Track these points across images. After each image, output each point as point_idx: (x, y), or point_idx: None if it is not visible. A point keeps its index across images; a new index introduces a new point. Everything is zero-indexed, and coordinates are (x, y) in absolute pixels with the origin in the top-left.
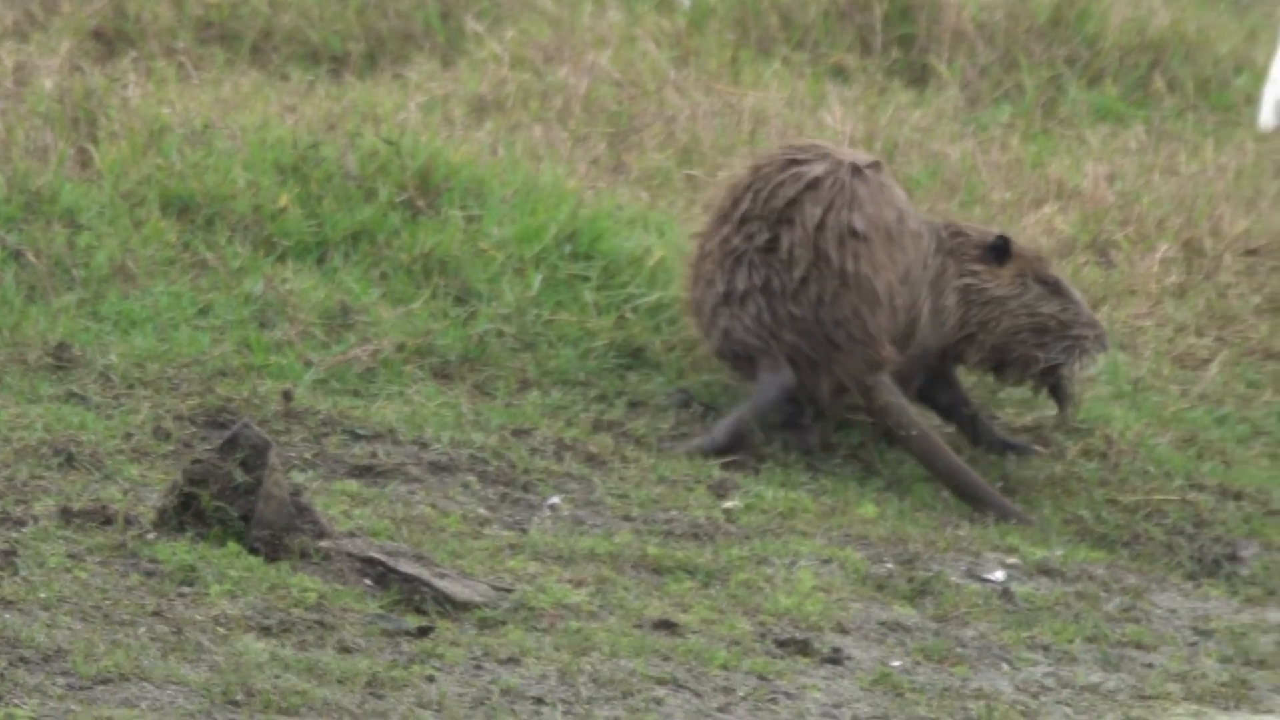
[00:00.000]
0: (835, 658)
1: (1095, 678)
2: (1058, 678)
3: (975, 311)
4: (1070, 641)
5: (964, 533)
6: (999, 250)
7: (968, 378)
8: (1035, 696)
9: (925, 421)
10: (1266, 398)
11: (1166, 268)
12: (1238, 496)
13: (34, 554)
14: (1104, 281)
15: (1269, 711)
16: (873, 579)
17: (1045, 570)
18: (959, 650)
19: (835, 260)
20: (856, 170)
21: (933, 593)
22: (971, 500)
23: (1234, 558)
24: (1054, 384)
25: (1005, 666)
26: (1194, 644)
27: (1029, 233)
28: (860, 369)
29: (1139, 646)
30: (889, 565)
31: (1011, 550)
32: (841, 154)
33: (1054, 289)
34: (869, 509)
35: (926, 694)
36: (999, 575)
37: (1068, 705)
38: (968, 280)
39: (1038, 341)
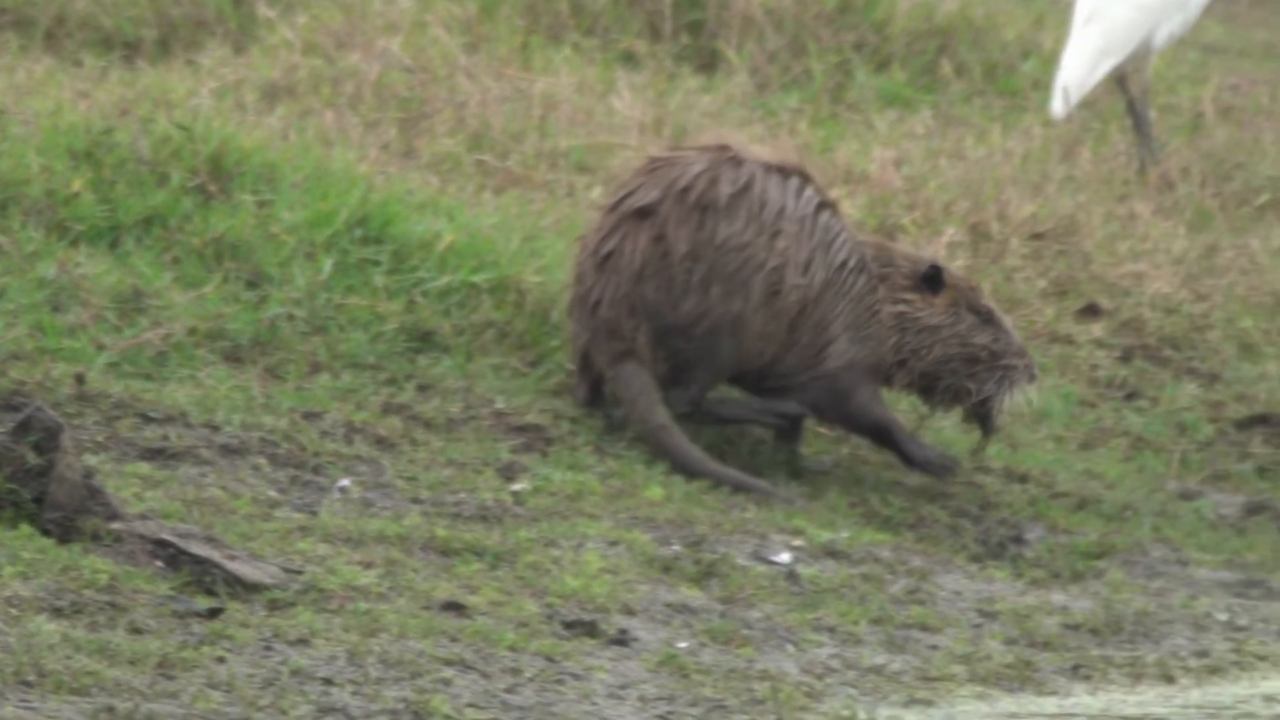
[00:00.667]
0: (622, 639)
1: (880, 659)
2: (843, 659)
3: (909, 339)
4: (855, 623)
5: (750, 515)
6: (931, 280)
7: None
8: (820, 678)
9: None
10: (1052, 381)
11: (953, 252)
12: (1023, 479)
13: None
14: None
15: (1053, 693)
16: (659, 561)
17: (831, 552)
18: (745, 632)
19: (623, 249)
20: (714, 178)
21: (719, 575)
22: (734, 486)
23: (1019, 540)
24: (980, 413)
25: (790, 648)
26: (979, 626)
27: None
28: (608, 355)
29: (924, 628)
30: (676, 547)
31: (797, 532)
32: (700, 159)
33: (986, 318)
34: (656, 491)
35: (712, 675)
36: (785, 557)
37: (853, 687)
38: (901, 308)
39: (969, 371)
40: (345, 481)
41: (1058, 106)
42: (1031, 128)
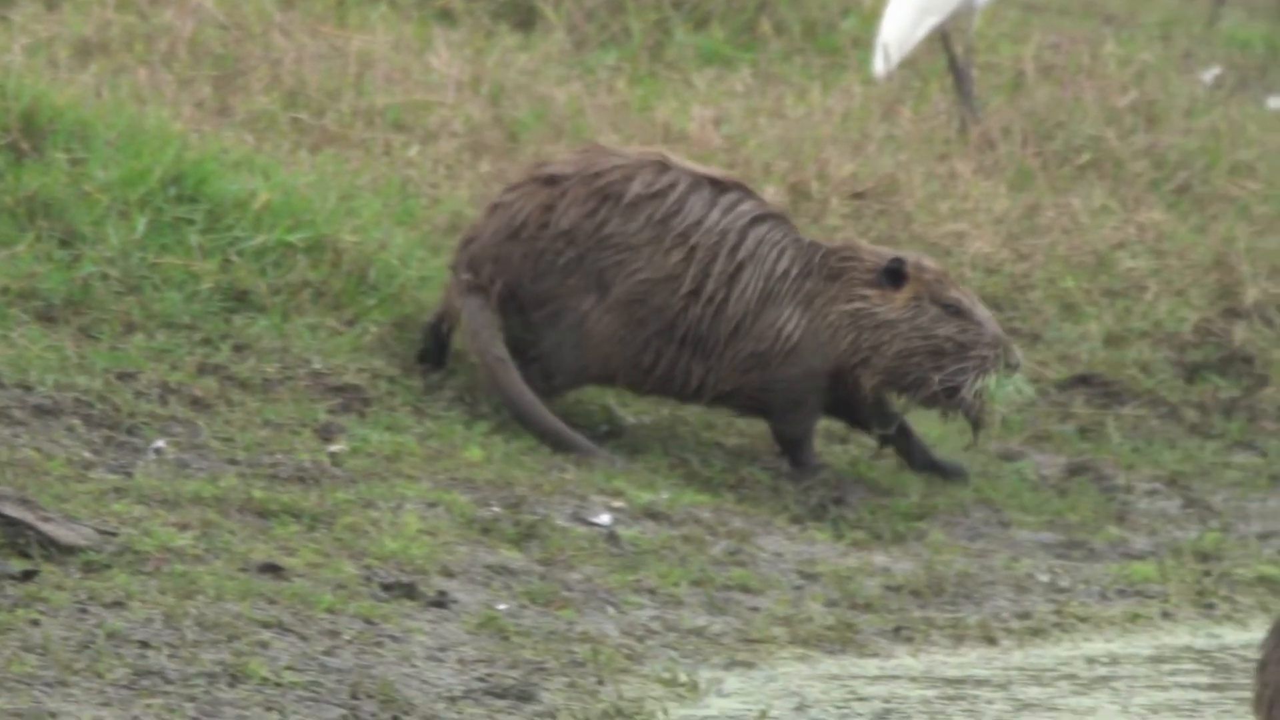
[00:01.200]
0: (441, 601)
1: (701, 621)
2: (664, 621)
3: (866, 336)
4: (676, 585)
5: (570, 476)
6: (893, 273)
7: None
8: (641, 640)
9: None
10: None
11: None
12: (844, 440)
13: None
14: None
15: (875, 655)
16: (479, 522)
17: (651, 514)
18: (565, 594)
19: (514, 204)
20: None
21: (539, 536)
22: (549, 440)
23: (840, 501)
24: (958, 406)
25: (611, 610)
26: (800, 588)
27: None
28: (462, 286)
29: (745, 590)
30: (495, 509)
31: (617, 494)
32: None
33: (953, 310)
34: (475, 452)
35: (532, 637)
36: (605, 519)
37: (674, 649)
38: (857, 305)
39: (934, 364)
40: (160, 443)
41: (878, 65)
42: (852, 86)
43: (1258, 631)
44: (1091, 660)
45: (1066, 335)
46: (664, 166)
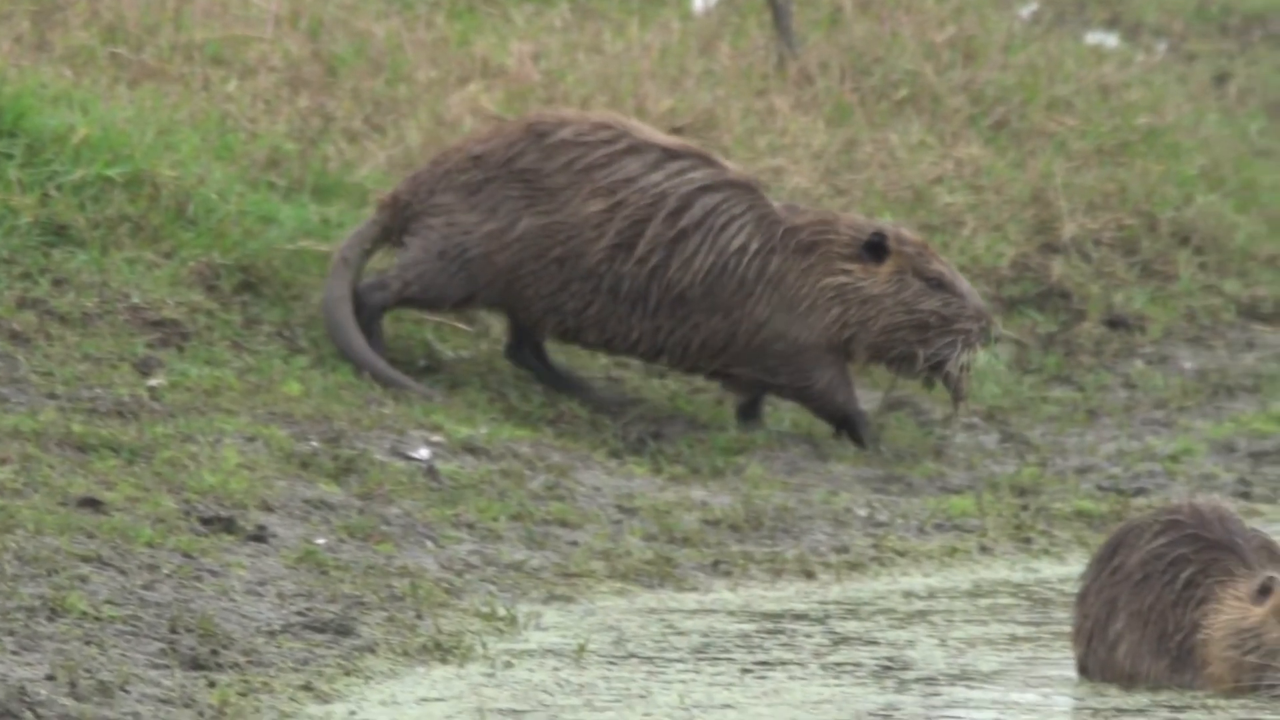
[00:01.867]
0: (260, 535)
1: (520, 555)
2: (482, 555)
3: (853, 311)
4: (495, 519)
5: (389, 410)
6: (875, 247)
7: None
8: (460, 574)
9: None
10: None
11: None
12: (662, 375)
13: None
14: None
15: (693, 589)
16: (297, 457)
17: (470, 448)
18: (384, 528)
19: (463, 146)
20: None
21: (357, 471)
22: (370, 377)
23: (658, 436)
24: (942, 378)
25: (430, 544)
26: (618, 522)
27: (455, 111)
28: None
29: (564, 524)
30: (314, 443)
31: (436, 428)
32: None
33: (936, 283)
34: (294, 387)
35: (351, 571)
36: (424, 453)
37: (492, 583)
38: (840, 279)
39: (919, 338)
40: None
41: (697, 0)
42: (670, 21)
43: (1075, 565)
44: (909, 594)
45: None
46: (609, 127)
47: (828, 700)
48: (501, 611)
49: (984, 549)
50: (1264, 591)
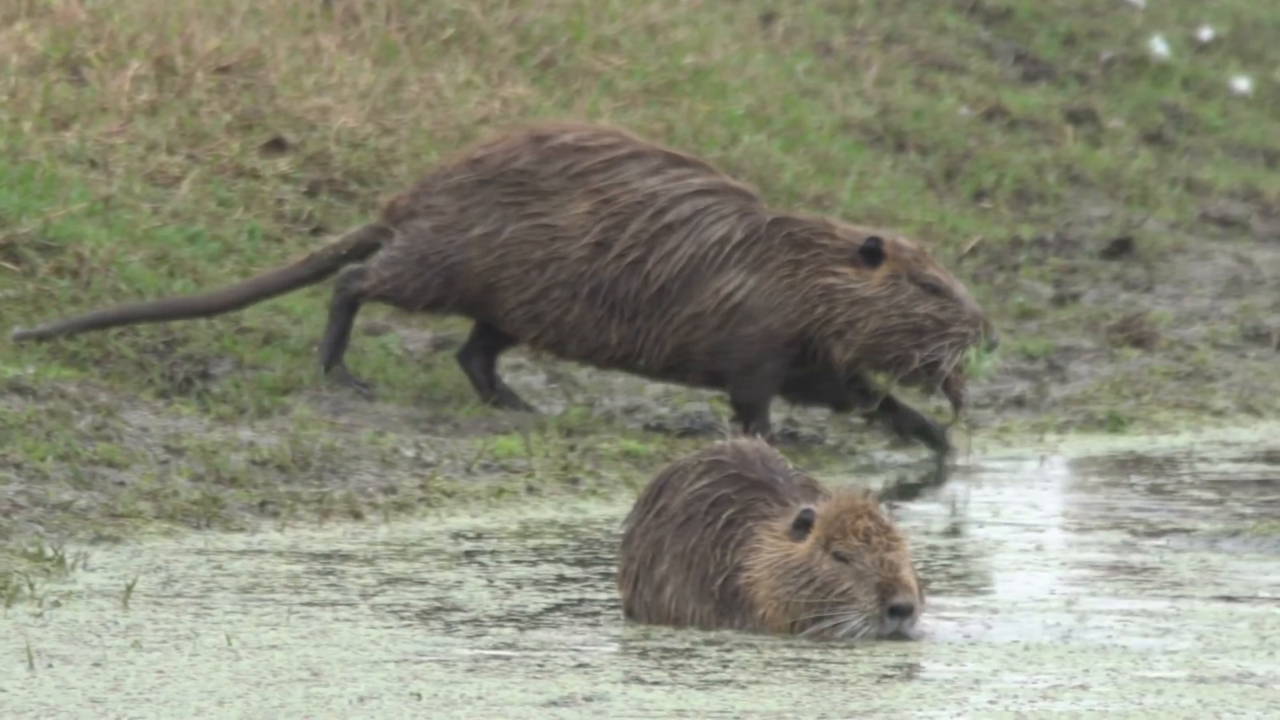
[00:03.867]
0: None
1: (67, 496)
2: (29, 496)
3: (841, 310)
4: (42, 460)
5: None
6: (870, 252)
7: None
8: (7, 515)
9: None
10: (237, 216)
11: (138, 85)
12: (207, 315)
13: None
14: (76, 99)
15: (241, 530)
16: None
17: (17, 388)
18: None
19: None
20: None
21: None
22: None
23: (205, 375)
24: (938, 382)
25: None
26: (166, 462)
27: (1, 50)
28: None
29: (110, 464)
30: None
31: None
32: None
33: (931, 288)
34: None
35: None
36: None
37: (39, 524)
38: (831, 280)
39: (914, 342)
40: None
41: None
42: None
43: (622, 506)
44: (457, 535)
45: None
46: (614, 133)
47: (375, 641)
48: (49, 552)
49: (531, 489)
50: (801, 525)
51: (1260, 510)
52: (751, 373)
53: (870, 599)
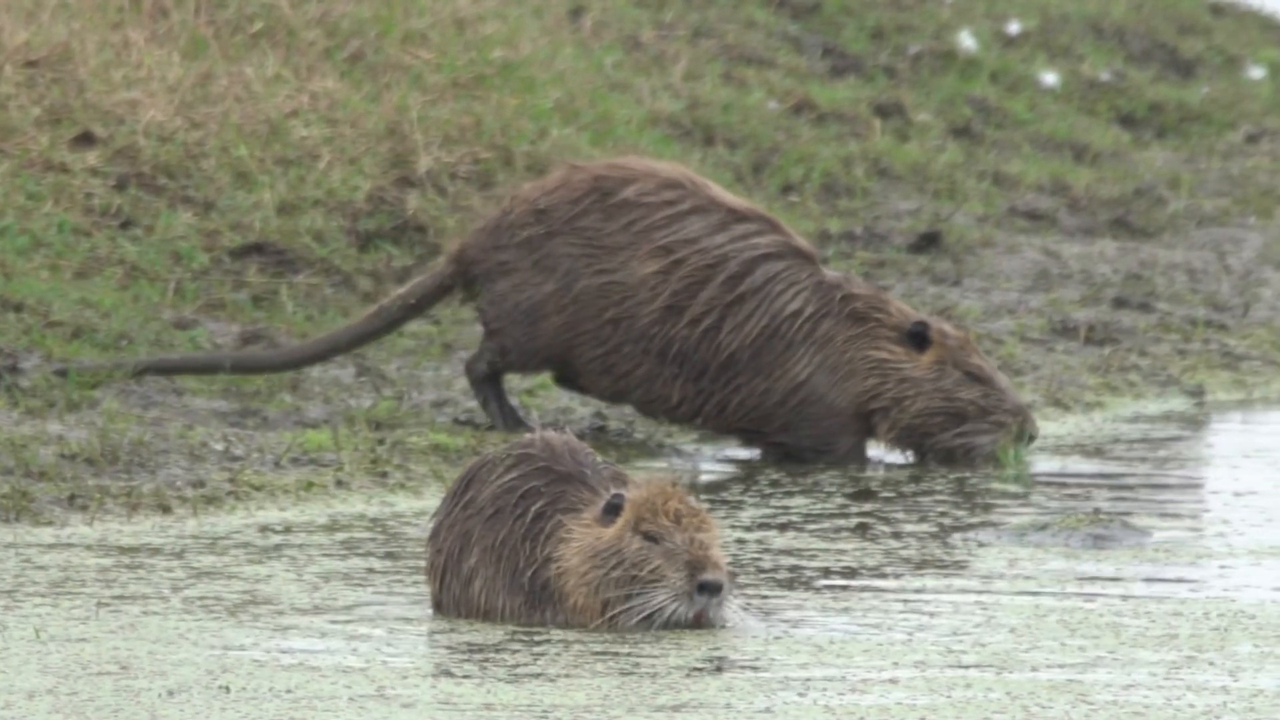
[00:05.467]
0: None
1: None
2: None
3: (890, 387)
4: None
5: None
6: (917, 336)
7: None
8: None
9: None
10: (46, 210)
11: None
12: (18, 308)
13: None
14: None
15: (50, 523)
16: None
17: None
18: None
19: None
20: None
21: None
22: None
23: (15, 369)
24: (971, 463)
25: None
26: None
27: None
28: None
29: None
30: None
31: None
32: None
33: (975, 376)
34: None
35: None
36: None
37: None
38: (884, 355)
39: (956, 427)
40: None
41: None
42: None
43: (431, 499)
44: (266, 528)
45: (240, 203)
46: (676, 184)
47: (184, 635)
48: None
49: (340, 483)
50: (611, 510)
51: (1067, 504)
52: (831, 452)
53: (680, 575)
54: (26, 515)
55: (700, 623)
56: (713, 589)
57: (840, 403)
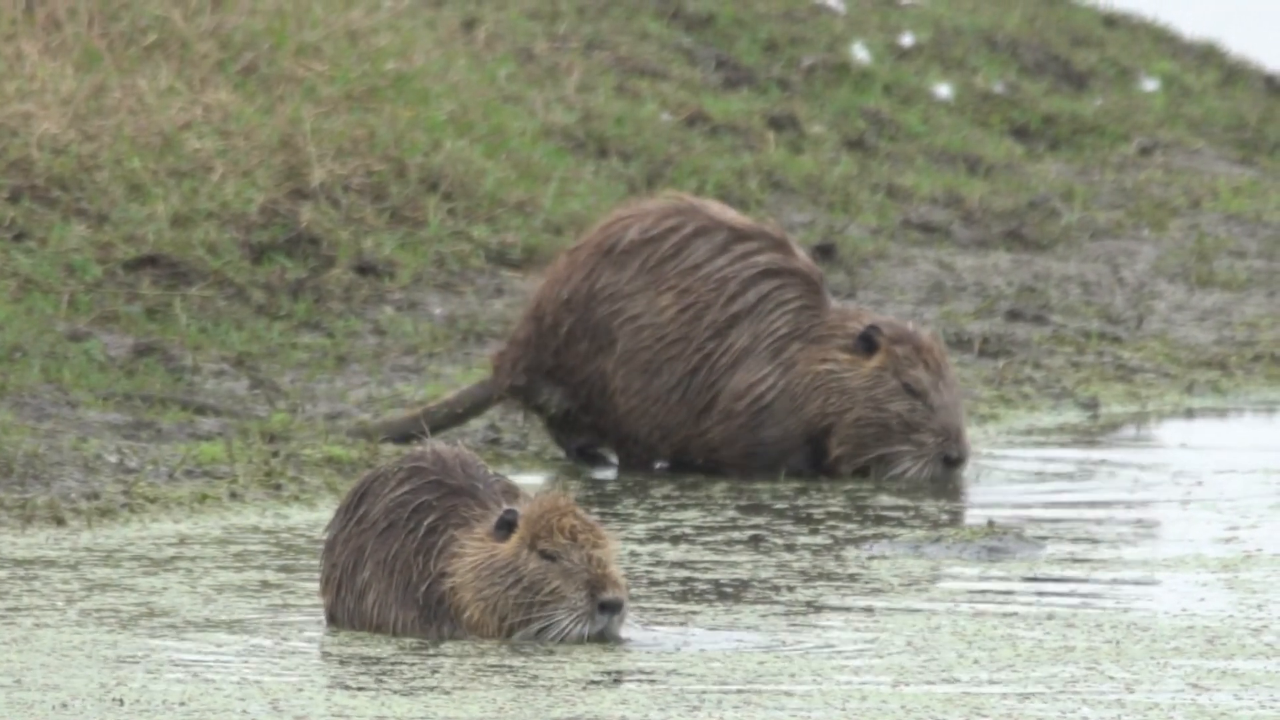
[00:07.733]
0: None
1: None
2: None
3: (832, 400)
4: None
5: None
6: (867, 340)
7: None
8: None
9: None
10: None
11: None
12: None
13: None
14: None
15: None
16: None
17: None
18: None
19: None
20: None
21: None
22: None
23: None
24: (887, 477)
25: None
26: None
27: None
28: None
29: None
30: None
31: None
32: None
33: (910, 388)
34: None
35: None
36: None
37: None
38: (827, 366)
39: (877, 437)
40: None
41: None
42: None
43: (325, 512)
44: (160, 540)
45: (134, 216)
46: (674, 212)
47: (78, 647)
48: None
49: (234, 495)
50: (504, 526)
51: (962, 516)
52: (770, 470)
53: (580, 595)
54: None
55: (600, 638)
56: (613, 607)
57: (795, 428)
